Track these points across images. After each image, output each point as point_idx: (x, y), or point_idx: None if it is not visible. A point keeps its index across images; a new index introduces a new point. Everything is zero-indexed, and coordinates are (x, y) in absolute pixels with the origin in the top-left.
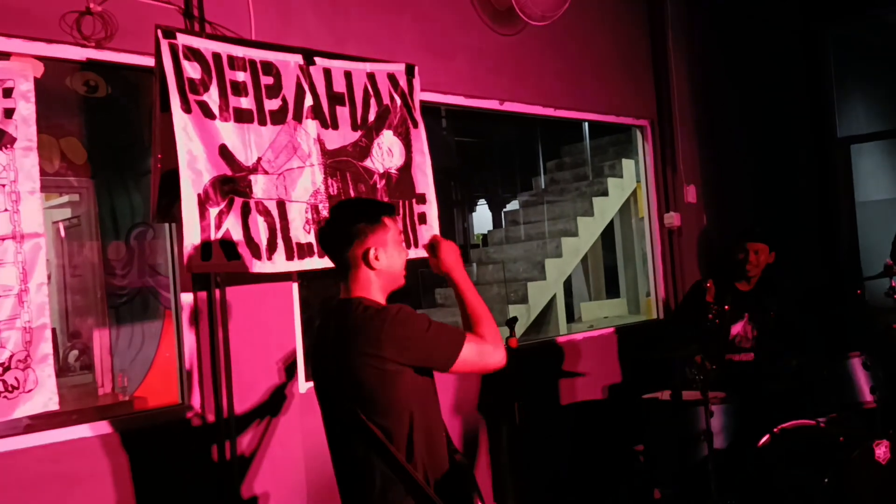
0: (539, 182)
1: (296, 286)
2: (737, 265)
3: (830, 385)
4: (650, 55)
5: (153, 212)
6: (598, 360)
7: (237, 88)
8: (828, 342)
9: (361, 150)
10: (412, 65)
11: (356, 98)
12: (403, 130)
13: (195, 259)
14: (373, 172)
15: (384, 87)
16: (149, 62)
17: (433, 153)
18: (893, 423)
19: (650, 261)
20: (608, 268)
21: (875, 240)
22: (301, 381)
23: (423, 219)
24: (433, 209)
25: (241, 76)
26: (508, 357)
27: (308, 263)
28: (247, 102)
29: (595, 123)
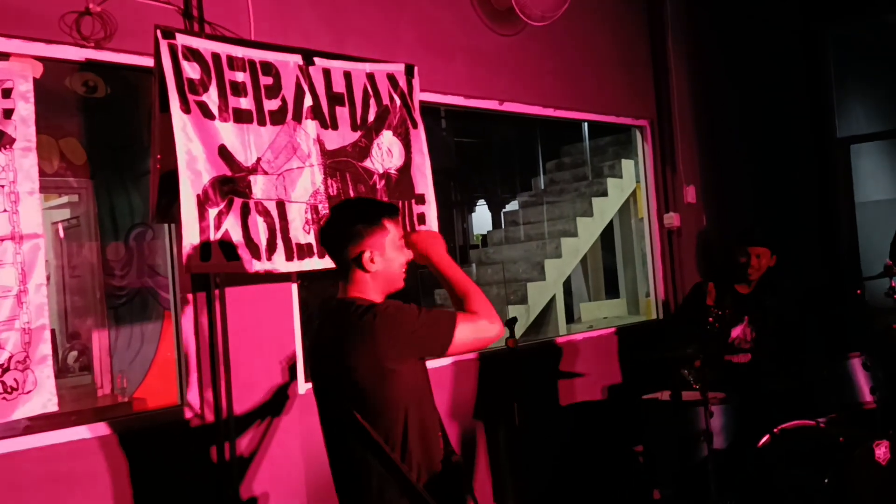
0: (538, 182)
1: (295, 287)
2: (738, 268)
3: (830, 385)
4: (650, 55)
5: (152, 212)
6: (598, 361)
7: (236, 89)
8: (828, 342)
9: (361, 151)
10: (412, 65)
11: (356, 98)
12: (403, 131)
13: (194, 259)
14: (372, 173)
15: (384, 88)
16: (148, 62)
17: (432, 153)
18: (893, 424)
19: (650, 261)
20: (607, 268)
21: (875, 240)
22: (301, 382)
23: (423, 219)
24: (432, 210)
25: (241, 76)
26: (508, 357)
27: (308, 264)
28: (246, 103)
29: (594, 124)
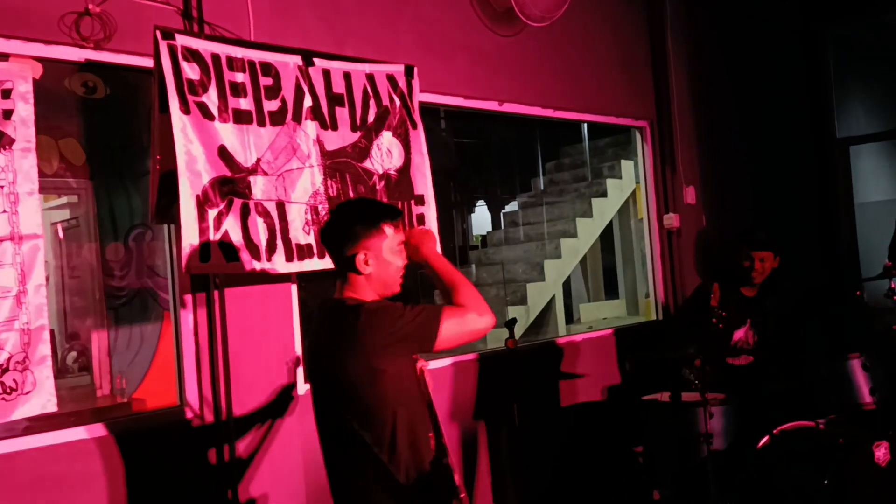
0: (538, 183)
1: (295, 287)
2: (742, 272)
3: (830, 386)
4: (649, 56)
5: (152, 213)
6: (598, 362)
7: (236, 89)
8: (827, 343)
9: (361, 151)
10: (411, 66)
11: (355, 99)
12: (402, 131)
13: (194, 260)
14: (372, 173)
15: (383, 88)
16: (147, 63)
17: (432, 154)
18: (893, 425)
19: (649, 262)
20: (607, 269)
21: (874, 241)
22: (300, 383)
23: (422, 220)
24: (432, 210)
25: (240, 77)
26: (508, 358)
27: (307, 265)
28: (246, 103)
29: (594, 124)
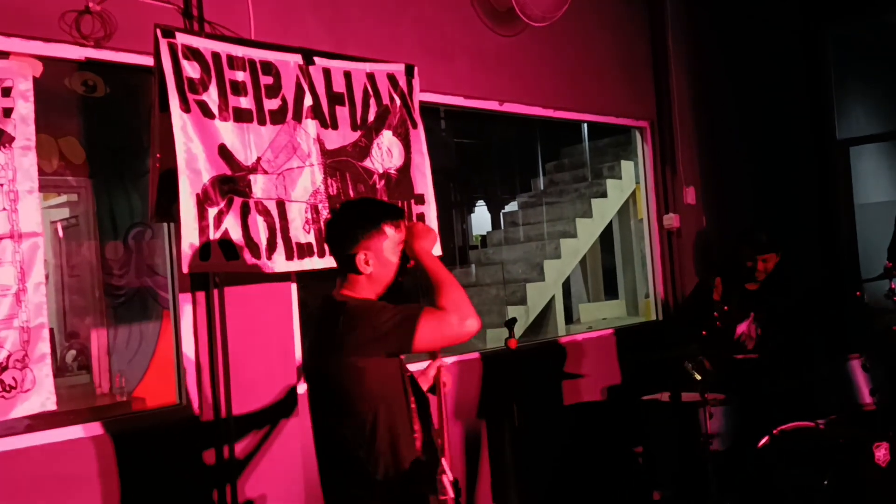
0: (538, 183)
1: (294, 286)
2: (745, 271)
3: (830, 386)
4: (650, 56)
5: (152, 211)
6: (598, 362)
7: (236, 88)
8: (828, 343)
9: (361, 151)
10: (412, 65)
11: (356, 98)
12: (403, 131)
13: (194, 259)
14: (372, 173)
15: (384, 88)
16: (148, 62)
17: (432, 154)
18: (893, 426)
19: (649, 262)
20: (607, 269)
21: (874, 242)
22: (300, 382)
23: (422, 219)
24: (432, 210)
25: (241, 76)
26: (508, 358)
27: (308, 263)
28: (246, 102)
29: (594, 125)
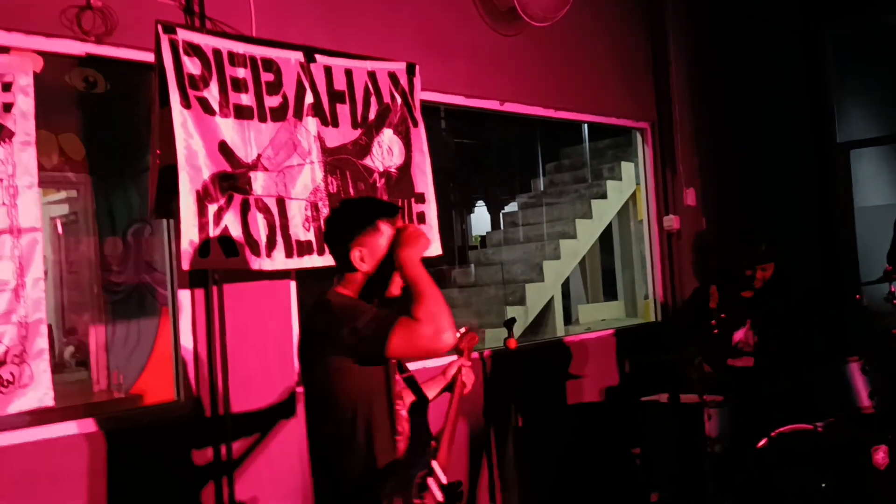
0: (538, 184)
1: (294, 284)
2: (743, 279)
3: (829, 389)
4: (650, 57)
5: (151, 208)
6: (597, 363)
7: (237, 85)
8: (827, 346)
9: (361, 149)
10: (413, 63)
11: (356, 96)
12: (403, 129)
13: (193, 256)
14: (372, 171)
15: (385, 86)
16: (149, 58)
17: (432, 154)
18: (892, 429)
19: (648, 264)
20: (606, 270)
21: (874, 245)
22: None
23: (422, 218)
24: (432, 209)
25: (242, 72)
26: (508, 358)
27: (307, 261)
28: (247, 99)
29: (594, 126)
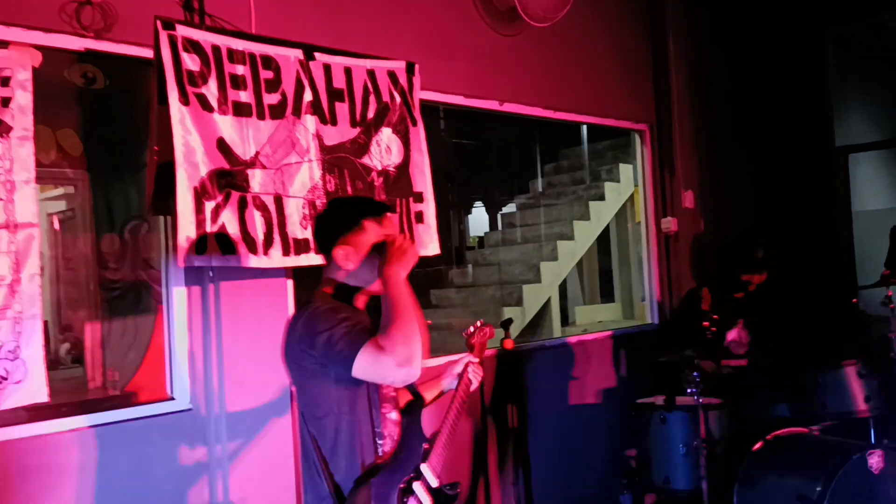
0: (536, 185)
1: (291, 283)
2: (737, 281)
3: (825, 393)
4: (650, 59)
5: (148, 204)
6: (593, 364)
7: (236, 82)
8: (823, 350)
9: (360, 147)
10: (412, 62)
11: (355, 94)
12: (402, 128)
13: (190, 252)
14: (371, 169)
15: (384, 85)
16: (148, 54)
17: (431, 153)
18: (887, 433)
19: (646, 265)
20: (603, 272)
21: (871, 249)
22: None
23: (421, 217)
24: (431, 208)
25: (241, 70)
26: (505, 358)
27: (304, 259)
28: (246, 96)
29: (593, 127)
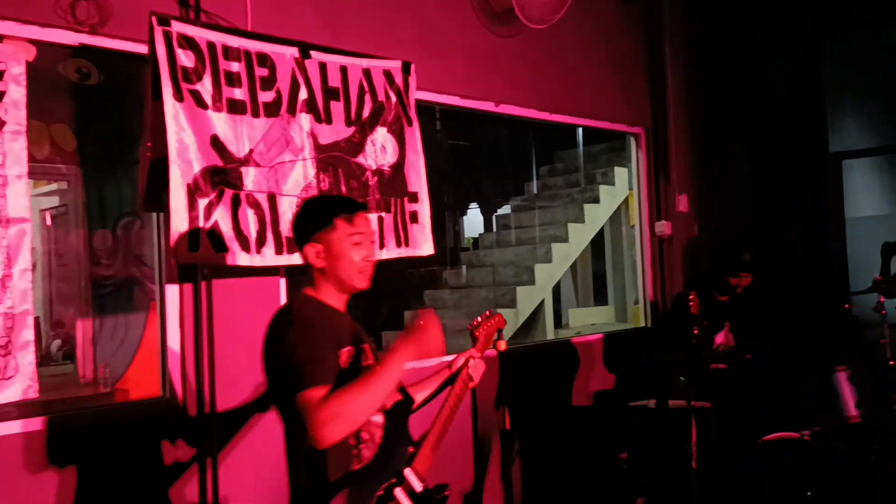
0: (531, 187)
1: (283, 281)
2: (725, 285)
3: (816, 398)
4: (646, 63)
5: (141, 201)
6: (586, 367)
7: (231, 79)
8: (815, 355)
9: (354, 146)
10: (408, 62)
11: (351, 93)
12: (397, 128)
13: (182, 250)
14: (365, 169)
15: (379, 84)
16: (142, 49)
17: (427, 154)
18: (878, 439)
19: (639, 269)
20: (597, 275)
21: (864, 255)
22: None
23: (415, 217)
24: (425, 208)
25: (236, 66)
26: (495, 359)
27: (297, 258)
28: (240, 93)
29: (589, 130)
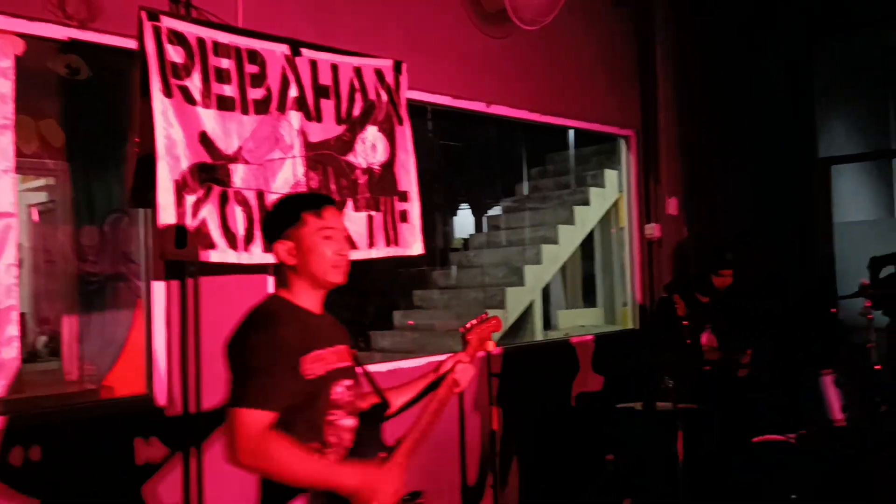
0: (522, 188)
1: (271, 279)
2: (707, 285)
3: (802, 401)
4: (637, 66)
5: (128, 197)
6: (575, 368)
7: (221, 75)
8: (802, 359)
9: (344, 145)
10: (400, 61)
11: (341, 92)
12: (388, 127)
13: (169, 246)
14: (355, 167)
15: (370, 82)
16: (131, 44)
17: (418, 154)
18: (864, 441)
19: (628, 271)
20: (586, 277)
21: (851, 260)
22: None
23: (405, 216)
24: (416, 207)
25: (226, 63)
26: (483, 360)
27: None
28: (230, 90)
29: (580, 132)
